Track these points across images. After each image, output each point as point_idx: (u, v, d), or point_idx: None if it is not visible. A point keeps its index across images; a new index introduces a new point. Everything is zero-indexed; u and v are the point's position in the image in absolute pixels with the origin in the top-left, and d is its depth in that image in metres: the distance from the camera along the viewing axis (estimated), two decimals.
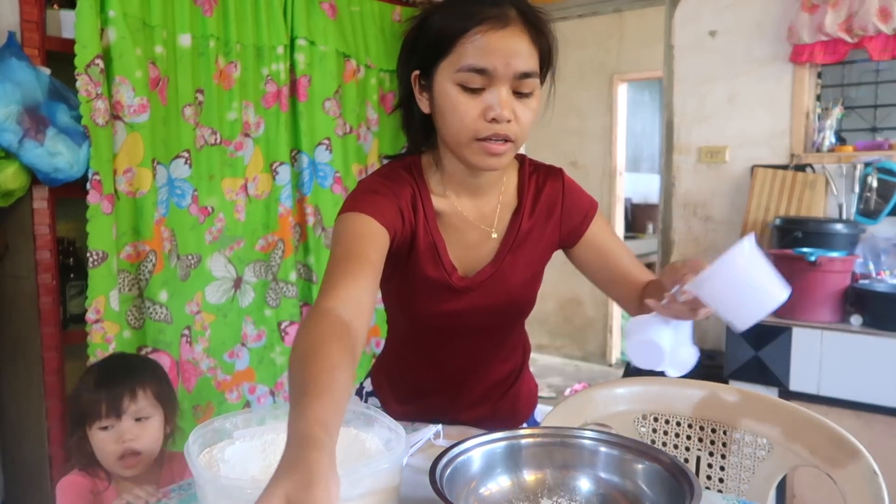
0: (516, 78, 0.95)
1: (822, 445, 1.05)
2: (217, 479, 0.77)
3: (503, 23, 0.94)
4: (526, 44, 0.95)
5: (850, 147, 2.54)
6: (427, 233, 1.06)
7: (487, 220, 1.10)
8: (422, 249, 1.06)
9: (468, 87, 0.95)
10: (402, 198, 1.03)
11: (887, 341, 2.00)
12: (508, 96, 0.95)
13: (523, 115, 0.97)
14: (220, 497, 0.72)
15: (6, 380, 2.06)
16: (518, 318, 1.18)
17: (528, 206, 1.10)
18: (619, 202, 4.84)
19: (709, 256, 3.06)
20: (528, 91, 0.96)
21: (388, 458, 0.77)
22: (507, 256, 1.10)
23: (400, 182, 1.05)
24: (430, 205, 1.06)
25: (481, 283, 1.09)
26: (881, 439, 2.01)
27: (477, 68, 0.94)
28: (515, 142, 0.98)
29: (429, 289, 1.08)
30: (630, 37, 4.70)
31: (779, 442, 1.10)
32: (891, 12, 2.30)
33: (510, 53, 0.93)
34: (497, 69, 0.93)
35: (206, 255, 2.25)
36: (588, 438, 0.91)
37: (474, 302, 1.09)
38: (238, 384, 2.35)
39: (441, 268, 1.07)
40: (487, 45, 0.93)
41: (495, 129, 0.95)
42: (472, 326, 1.12)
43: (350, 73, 2.67)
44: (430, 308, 1.10)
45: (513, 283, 1.11)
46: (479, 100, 0.95)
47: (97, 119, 1.86)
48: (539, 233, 1.11)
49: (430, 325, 1.13)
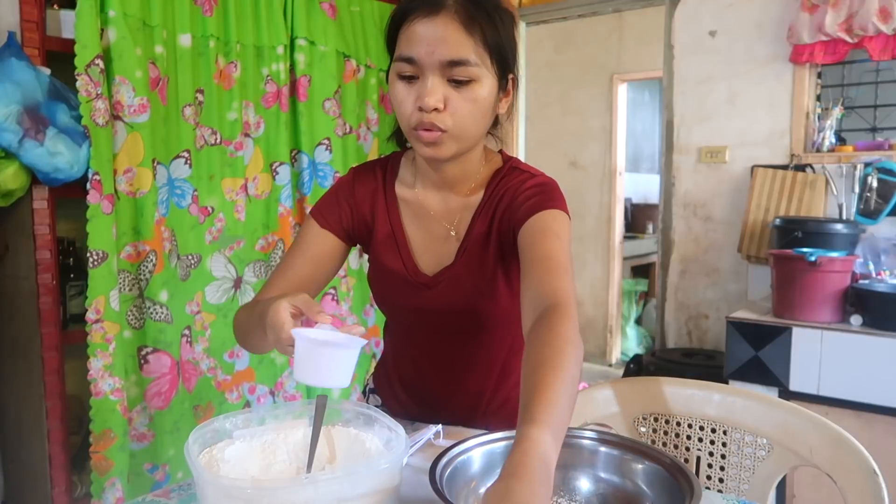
0: (445, 66, 0.93)
1: (822, 445, 1.05)
2: (217, 479, 0.77)
3: (434, 11, 0.93)
4: (457, 31, 0.93)
5: (850, 147, 2.54)
6: (387, 222, 1.09)
7: (450, 218, 1.09)
8: (381, 238, 1.10)
9: (402, 76, 0.96)
10: (356, 193, 1.10)
11: (887, 341, 2.00)
12: (439, 85, 0.94)
13: (458, 104, 0.95)
14: (220, 497, 0.72)
15: (6, 380, 2.06)
16: (480, 328, 1.10)
17: (483, 208, 1.07)
18: (618, 202, 4.84)
19: (709, 256, 3.05)
20: (463, 79, 0.94)
21: (388, 458, 0.77)
22: (463, 258, 1.07)
23: (364, 177, 1.12)
24: (394, 195, 1.10)
25: (439, 282, 1.07)
26: (881, 439, 2.01)
27: (404, 57, 0.95)
28: (450, 132, 0.96)
29: (391, 280, 1.10)
30: (630, 37, 4.70)
31: (778, 442, 1.10)
32: (891, 12, 2.30)
33: (435, 41, 0.92)
34: (422, 57, 0.93)
35: (206, 255, 2.25)
36: (588, 438, 0.91)
37: (434, 301, 1.08)
38: (238, 384, 2.35)
39: (400, 259, 1.09)
40: (414, 33, 0.94)
41: (422, 118, 0.95)
42: (436, 326, 1.10)
43: (350, 73, 2.67)
44: (393, 301, 1.12)
45: (468, 287, 1.06)
46: (413, 88, 0.96)
47: (97, 119, 1.86)
48: (492, 237, 1.06)
49: (400, 320, 1.15)
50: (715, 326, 2.87)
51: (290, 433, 0.91)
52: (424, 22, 0.93)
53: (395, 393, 1.24)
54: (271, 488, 0.74)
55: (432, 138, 0.96)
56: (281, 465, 0.88)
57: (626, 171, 4.97)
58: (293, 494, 0.72)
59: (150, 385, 2.07)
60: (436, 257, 1.09)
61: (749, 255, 2.69)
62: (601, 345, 4.91)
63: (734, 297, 2.81)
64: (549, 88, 4.93)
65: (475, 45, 0.94)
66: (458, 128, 0.97)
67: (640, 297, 5.28)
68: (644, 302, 5.32)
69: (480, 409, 1.17)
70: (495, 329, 1.11)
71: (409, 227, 1.10)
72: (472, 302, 1.07)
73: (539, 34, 4.54)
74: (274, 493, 0.72)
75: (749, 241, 2.67)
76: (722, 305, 2.84)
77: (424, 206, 1.09)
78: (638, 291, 5.21)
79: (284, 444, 0.90)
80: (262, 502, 0.71)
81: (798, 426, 1.09)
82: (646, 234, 5.54)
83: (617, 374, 4.57)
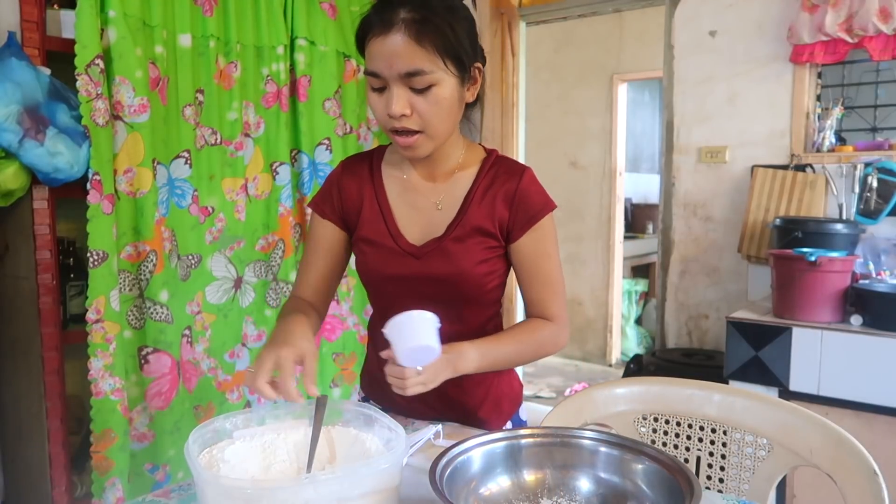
0: (404, 77, 1.04)
1: (821, 445, 1.06)
2: (217, 479, 0.77)
3: (387, 28, 1.03)
4: (408, 45, 1.02)
5: (850, 147, 2.54)
6: (374, 200, 1.20)
7: (435, 194, 1.19)
8: (368, 215, 1.20)
9: (373, 87, 1.08)
10: (344, 180, 1.22)
11: (887, 341, 2.00)
12: (403, 94, 1.05)
13: (424, 108, 1.06)
14: (221, 497, 0.72)
15: (6, 380, 2.06)
16: (469, 297, 1.19)
17: (479, 191, 1.17)
18: (618, 202, 4.84)
19: (709, 256, 3.05)
20: (420, 87, 1.05)
21: (388, 458, 0.78)
22: (454, 232, 1.16)
23: (352, 166, 1.24)
24: (380, 177, 1.22)
25: (427, 252, 1.16)
26: (881, 439, 2.01)
27: (370, 71, 1.06)
28: (424, 132, 1.08)
29: (378, 250, 1.19)
30: (630, 37, 4.71)
31: (778, 442, 1.10)
32: (891, 12, 2.30)
33: (391, 56, 1.03)
34: (383, 71, 1.04)
35: (206, 255, 2.26)
36: (588, 438, 0.91)
37: (422, 269, 1.16)
38: (239, 384, 2.35)
39: (387, 230, 1.18)
40: (374, 50, 1.05)
41: (393, 124, 1.07)
42: (420, 295, 1.15)
43: (350, 73, 2.67)
44: (379, 270, 1.19)
45: (459, 258, 1.16)
46: (383, 98, 1.07)
47: (97, 119, 1.86)
48: (486, 220, 1.16)
49: (383, 292, 1.22)
50: (715, 326, 2.87)
51: (291, 433, 0.91)
52: (381, 39, 1.03)
53: (383, 390, 1.24)
54: (271, 488, 0.74)
55: (408, 143, 1.09)
56: (281, 465, 0.88)
57: (626, 171, 4.97)
58: (293, 494, 0.72)
59: (151, 385, 2.07)
60: (422, 229, 1.18)
61: (749, 255, 2.69)
62: (601, 345, 4.91)
63: (734, 297, 2.81)
64: (549, 88, 4.93)
65: (427, 55, 1.03)
66: (429, 128, 1.08)
67: (640, 297, 5.28)
68: (644, 302, 5.32)
69: (464, 387, 1.20)
70: (477, 304, 1.21)
71: (395, 202, 1.20)
72: (456, 272, 1.15)
73: (539, 34, 4.54)
74: (274, 493, 0.72)
75: (749, 241, 2.67)
76: (722, 305, 2.84)
77: (411, 183, 1.20)
78: (638, 291, 5.21)
79: (284, 445, 0.90)
80: (262, 502, 0.71)
81: (798, 426, 1.09)
82: (646, 234, 5.54)
83: (617, 374, 4.57)
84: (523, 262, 1.18)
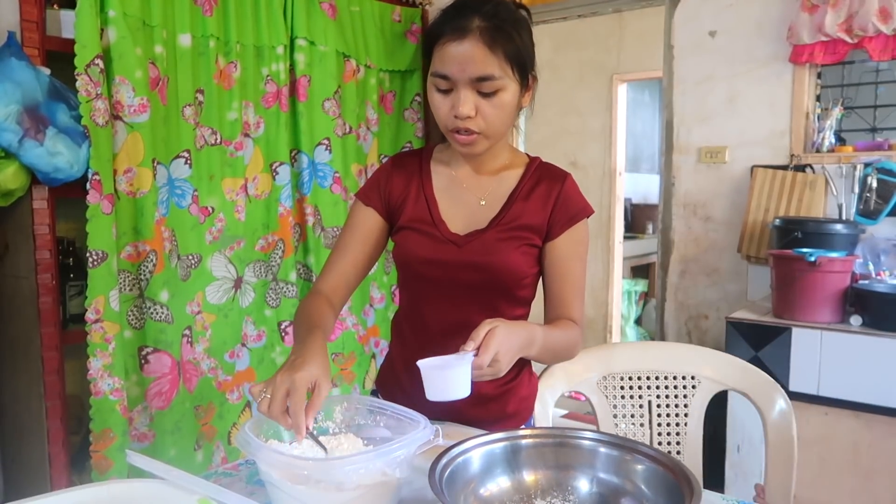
0: (474, 81, 1.10)
1: (735, 374, 1.40)
2: (281, 452, 0.84)
3: (462, 34, 1.09)
4: (482, 51, 1.09)
5: (850, 147, 2.54)
6: (420, 191, 1.25)
7: (481, 189, 1.25)
8: (413, 204, 1.25)
9: (438, 88, 1.14)
10: (394, 173, 1.27)
11: (887, 341, 2.00)
12: (470, 96, 1.11)
13: (488, 111, 1.13)
14: (284, 471, 0.80)
15: (6, 380, 2.06)
16: (504, 288, 1.22)
17: (523, 191, 1.24)
18: (618, 202, 4.84)
19: (709, 256, 3.04)
20: (489, 91, 1.11)
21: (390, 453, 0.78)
22: (497, 226, 1.21)
23: (403, 160, 1.30)
24: (429, 171, 1.28)
25: (469, 242, 1.20)
26: (881, 439, 2.01)
27: (439, 74, 1.12)
28: (483, 133, 1.14)
29: (420, 236, 1.22)
30: (630, 37, 4.70)
31: (706, 377, 1.41)
32: (891, 12, 2.30)
33: (465, 61, 1.09)
34: (455, 74, 1.10)
35: (206, 255, 2.26)
36: (587, 439, 0.91)
37: (462, 256, 1.20)
38: (239, 384, 2.35)
39: (431, 218, 1.23)
40: (446, 53, 1.10)
41: (457, 124, 1.13)
42: (455, 282, 1.20)
43: (350, 74, 2.67)
44: (420, 254, 1.22)
45: (499, 249, 1.20)
46: (449, 99, 1.13)
47: (97, 119, 1.86)
48: (529, 217, 1.22)
49: (422, 276, 1.23)
50: (715, 326, 2.87)
51: None
52: (454, 44, 1.09)
53: (400, 384, 1.28)
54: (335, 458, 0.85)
55: (468, 141, 1.15)
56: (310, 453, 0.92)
57: (626, 171, 4.97)
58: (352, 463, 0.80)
59: (151, 385, 2.07)
60: (465, 220, 1.23)
61: (749, 256, 2.69)
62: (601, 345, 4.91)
63: (734, 298, 2.81)
64: (549, 88, 4.92)
65: (498, 62, 1.10)
66: (489, 129, 1.15)
67: (640, 297, 5.28)
68: (644, 302, 5.32)
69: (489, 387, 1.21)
70: (511, 299, 1.24)
71: (441, 195, 1.25)
72: (494, 261, 1.19)
73: (539, 34, 4.52)
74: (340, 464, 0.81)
75: (749, 242, 2.67)
76: (722, 305, 2.84)
77: (458, 178, 1.26)
78: (638, 291, 5.21)
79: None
80: (330, 472, 0.80)
81: (719, 364, 1.43)
82: (646, 234, 5.54)
83: None
84: (555, 261, 1.22)
